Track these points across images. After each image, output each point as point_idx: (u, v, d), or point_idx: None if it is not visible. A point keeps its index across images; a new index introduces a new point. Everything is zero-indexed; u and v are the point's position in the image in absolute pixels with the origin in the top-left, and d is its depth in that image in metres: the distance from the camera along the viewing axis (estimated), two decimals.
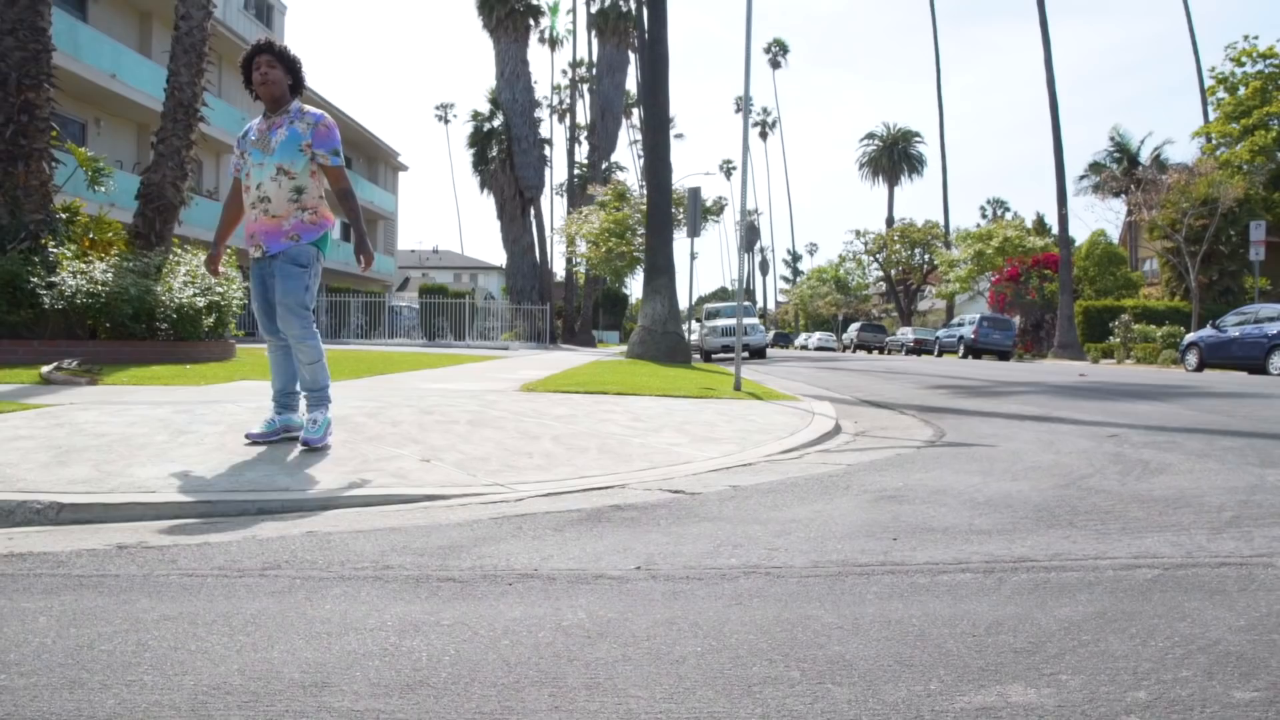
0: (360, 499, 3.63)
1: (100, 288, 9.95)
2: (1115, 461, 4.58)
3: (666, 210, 16.62)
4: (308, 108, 4.56)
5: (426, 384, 8.76)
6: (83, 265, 10.20)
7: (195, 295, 11.28)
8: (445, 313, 31.56)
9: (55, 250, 10.04)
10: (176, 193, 12.55)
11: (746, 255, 9.09)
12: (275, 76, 4.44)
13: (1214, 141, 38.66)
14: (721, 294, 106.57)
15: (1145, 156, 44.48)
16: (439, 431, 5.42)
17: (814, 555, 2.48)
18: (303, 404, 4.85)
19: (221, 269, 4.94)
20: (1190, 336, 22.55)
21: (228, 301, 12.02)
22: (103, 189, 12.26)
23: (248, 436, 4.57)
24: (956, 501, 3.35)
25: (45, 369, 7.96)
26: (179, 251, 12.68)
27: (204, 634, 1.81)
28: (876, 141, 72.84)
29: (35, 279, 9.65)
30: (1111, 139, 46.06)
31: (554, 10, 44.55)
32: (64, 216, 10.91)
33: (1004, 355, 33.71)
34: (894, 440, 6.06)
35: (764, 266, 74.58)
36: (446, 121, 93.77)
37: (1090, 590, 2.14)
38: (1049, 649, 1.72)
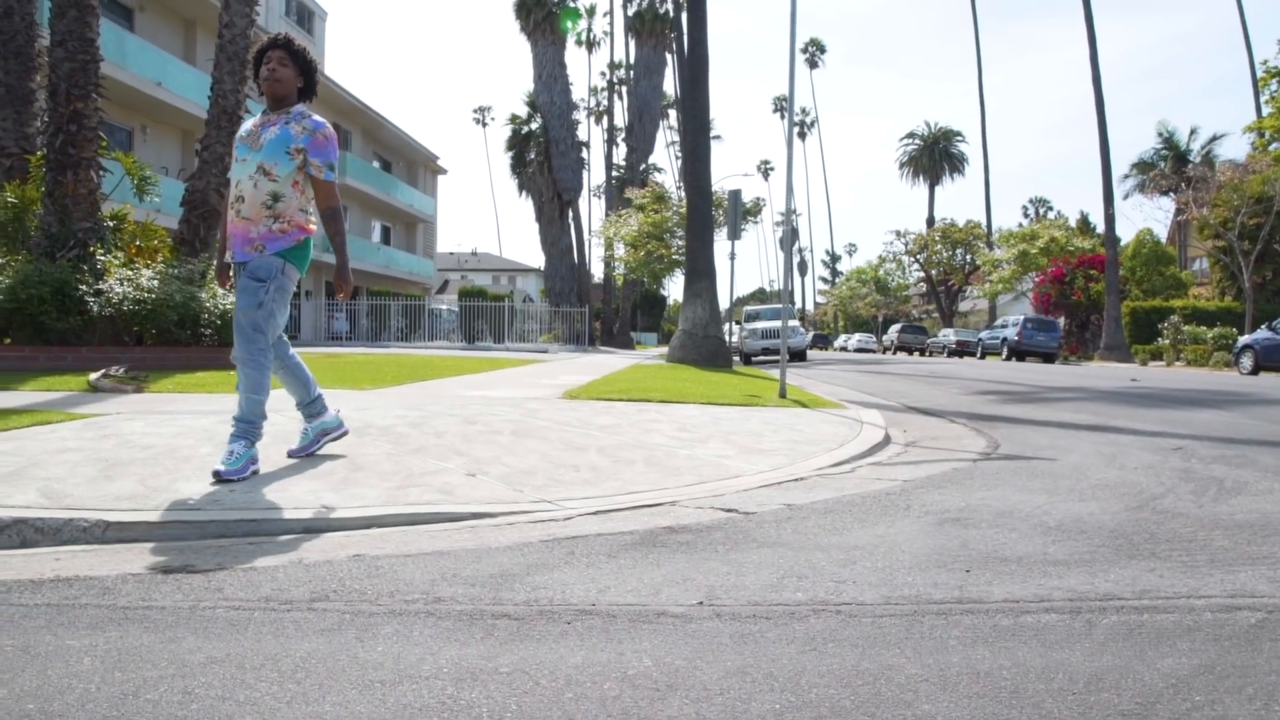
0: (406, 517, 3.55)
1: (146, 294, 10.03)
2: (1186, 479, 4.38)
3: (707, 213, 16.48)
4: (310, 113, 4.21)
5: (468, 391, 8.71)
6: (129, 272, 10.29)
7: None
8: (484, 315, 31.66)
9: (103, 258, 10.15)
10: (220, 199, 12.64)
11: (791, 268, 8.94)
12: (284, 75, 4.13)
13: (1267, 137, 37.67)
14: (759, 295, 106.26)
15: (1194, 153, 43.51)
16: (483, 443, 5.35)
17: (884, 589, 2.35)
18: (331, 411, 4.78)
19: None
20: (1245, 339, 21.97)
21: None
22: (150, 198, 12.39)
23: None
24: (1026, 526, 3.20)
25: (93, 376, 8.02)
26: None
27: (252, 680, 1.72)
28: (917, 141, 72.16)
29: (84, 286, 9.76)
30: (1159, 134, 45.14)
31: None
32: (111, 224, 11.03)
33: (1049, 357, 33.12)
34: (947, 452, 5.89)
35: (802, 267, 73.95)
36: (484, 124, 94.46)
37: (1190, 637, 1.99)
38: (1160, 712, 1.58)
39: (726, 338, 18.37)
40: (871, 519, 3.39)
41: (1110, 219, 32.57)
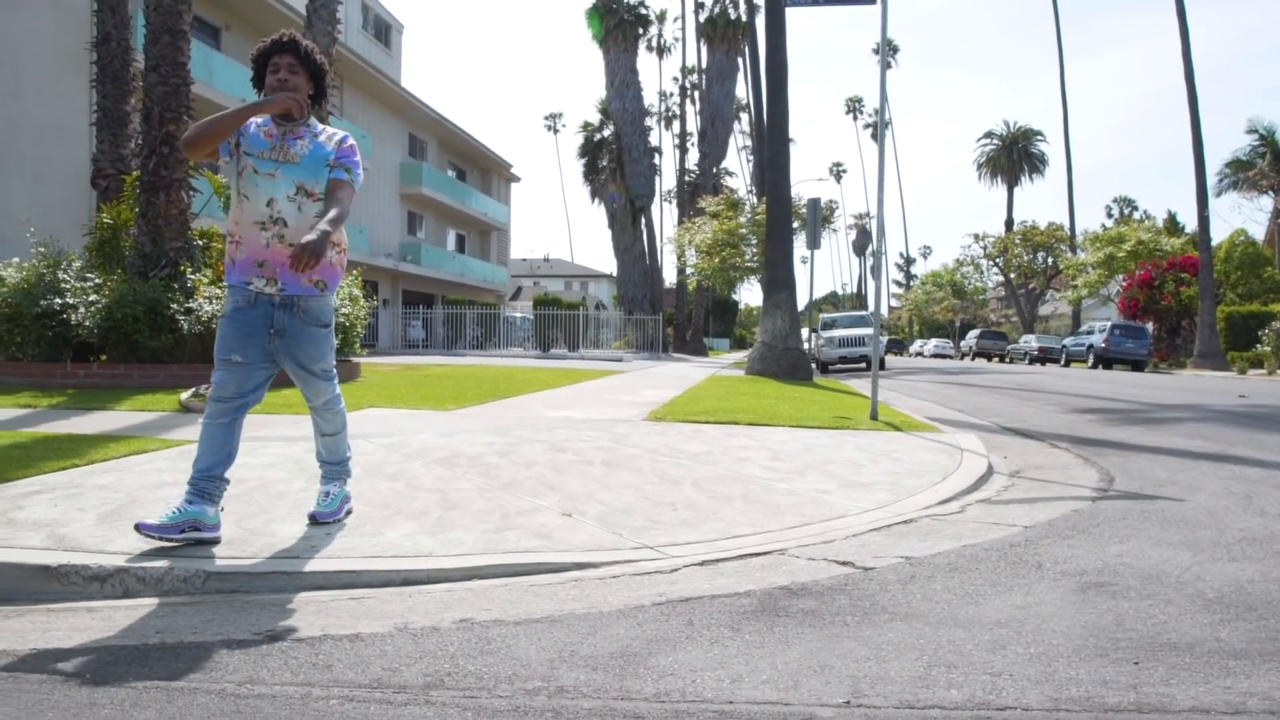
0: (506, 568, 3.42)
1: None
2: None
3: (787, 223, 16.20)
4: (326, 125, 3.83)
5: (552, 412, 8.61)
6: (218, 290, 10.44)
7: None
8: (559, 324, 31.77)
9: (193, 276, 10.31)
10: None
11: (880, 297, 8.69)
12: (297, 84, 3.64)
13: None
14: (832, 299, 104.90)
15: None
16: (574, 475, 5.22)
17: (1048, 688, 2.12)
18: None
19: (344, 284, 4.15)
20: None
21: (353, 323, 12.18)
22: None
23: (139, 529, 3.36)
24: (1181, 596, 2.92)
25: (184, 395, 8.13)
26: None
27: None
28: (995, 141, 70.42)
29: (174, 304, 9.93)
30: (1253, 130, 43.08)
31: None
32: (201, 243, 11.22)
33: (1138, 365, 31.91)
34: (1058, 487, 5.57)
35: (875, 271, 72.76)
36: (556, 131, 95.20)
37: None
38: None
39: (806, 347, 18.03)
40: (1004, 581, 3.14)
41: (1204, 221, 31.23)
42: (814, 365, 22.98)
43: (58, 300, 10.05)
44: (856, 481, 5.38)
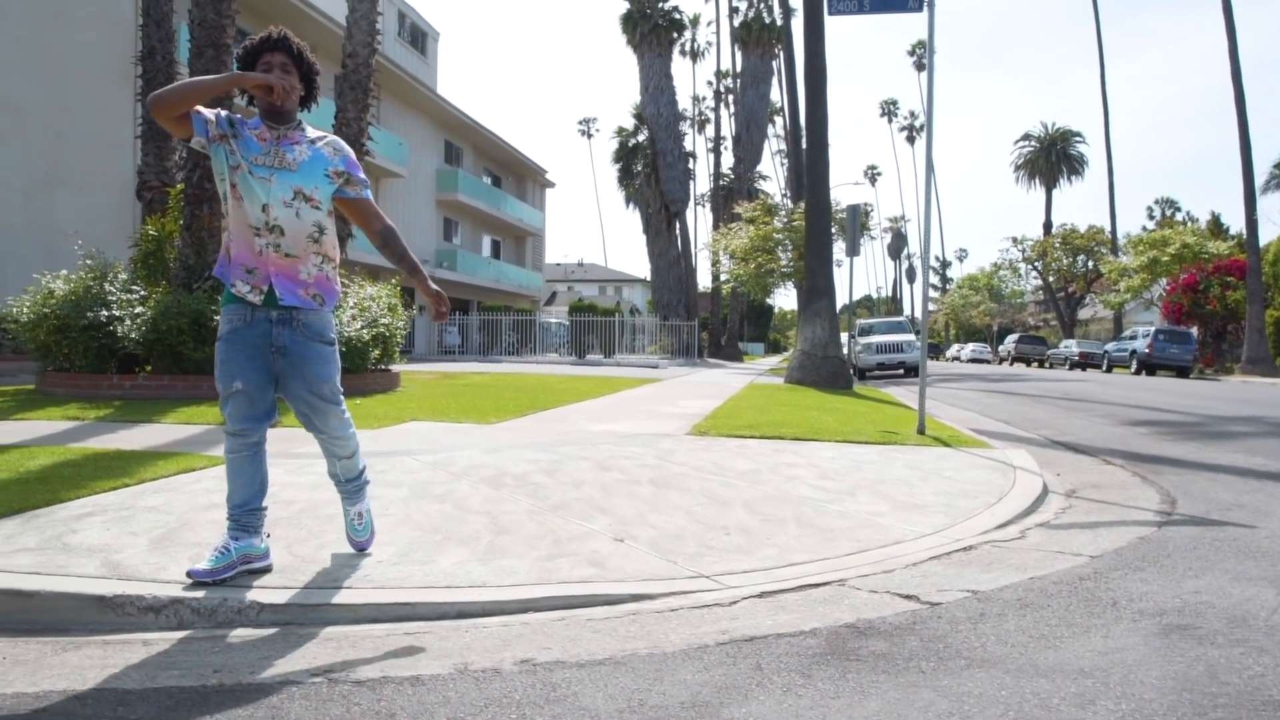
0: (562, 600, 3.35)
1: None
2: None
3: (826, 231, 16.02)
4: (317, 129, 3.61)
5: (593, 425, 8.55)
6: None
7: (362, 329, 11.50)
8: (594, 330, 31.78)
9: None
10: (344, 225, 12.85)
11: (926, 322, 8.57)
12: (291, 84, 3.42)
13: None
14: (866, 302, 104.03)
15: None
16: (623, 495, 5.15)
17: None
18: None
19: (383, 294, 3.79)
20: None
21: (392, 333, 12.22)
22: None
23: (191, 575, 3.30)
24: (1273, 643, 2.78)
25: None
26: (346, 282, 12.99)
27: None
28: (1033, 143, 69.56)
29: (218, 316, 9.99)
30: None
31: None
32: None
33: (1183, 372, 31.30)
34: (1117, 509, 5.40)
35: (910, 274, 72.19)
36: (589, 136, 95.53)
37: None
38: None
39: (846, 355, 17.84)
40: (1080, 622, 3.02)
41: (1253, 224, 30.56)
42: (853, 370, 22.76)
43: (104, 312, 10.16)
44: (910, 503, 5.27)
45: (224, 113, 3.42)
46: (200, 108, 3.33)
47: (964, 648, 2.74)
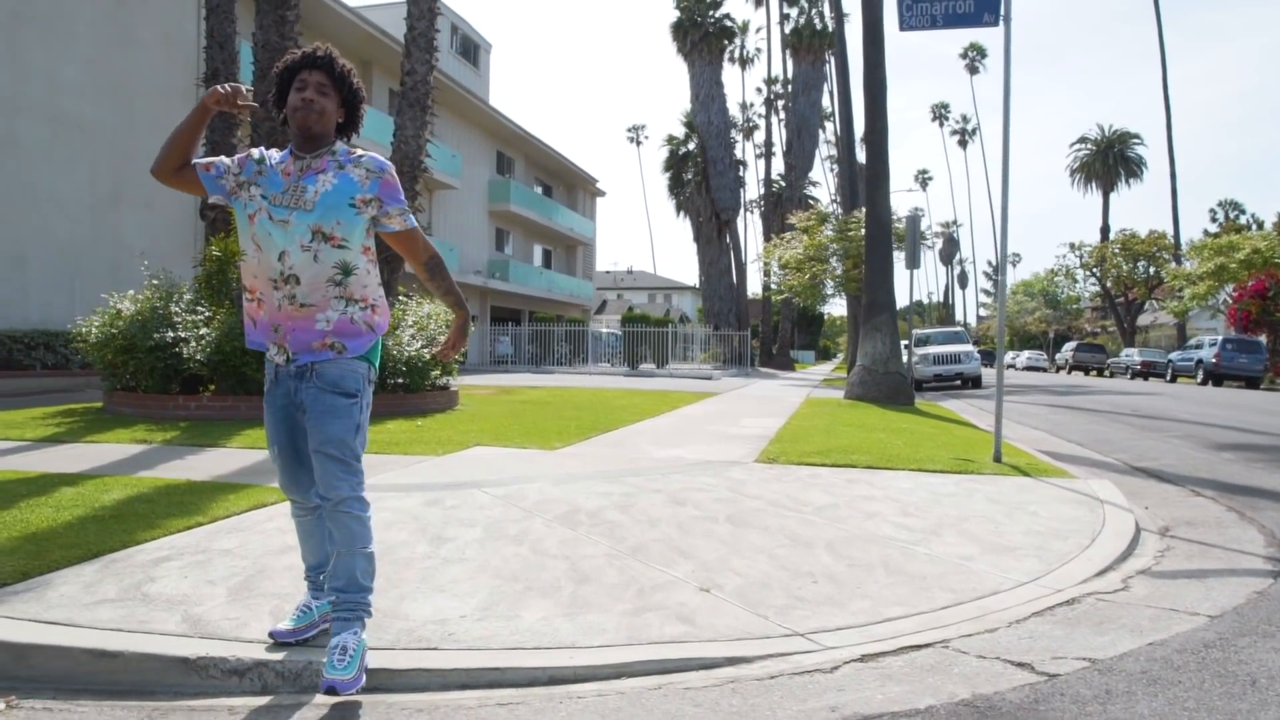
0: (655, 664, 3.21)
1: None
2: None
3: (887, 244, 15.72)
4: (361, 150, 3.16)
5: (659, 451, 8.39)
6: None
7: (422, 348, 11.50)
8: (647, 341, 31.72)
9: None
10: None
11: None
12: (325, 106, 3.07)
13: None
14: (917, 308, 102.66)
15: None
16: (701, 535, 4.99)
17: None
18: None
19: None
20: None
21: None
22: None
23: (273, 635, 3.17)
24: None
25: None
26: (405, 300, 13.02)
27: None
28: (1089, 146, 68.13)
29: None
30: None
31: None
32: None
33: (1252, 382, 30.29)
34: (1220, 553, 5.11)
35: (963, 279, 71.19)
36: (639, 143, 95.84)
37: None
38: None
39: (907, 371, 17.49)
40: (1219, 705, 2.79)
41: None
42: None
43: (170, 334, 10.26)
44: (999, 544, 5.03)
45: (256, 152, 3.16)
46: (216, 159, 3.12)
47: None
